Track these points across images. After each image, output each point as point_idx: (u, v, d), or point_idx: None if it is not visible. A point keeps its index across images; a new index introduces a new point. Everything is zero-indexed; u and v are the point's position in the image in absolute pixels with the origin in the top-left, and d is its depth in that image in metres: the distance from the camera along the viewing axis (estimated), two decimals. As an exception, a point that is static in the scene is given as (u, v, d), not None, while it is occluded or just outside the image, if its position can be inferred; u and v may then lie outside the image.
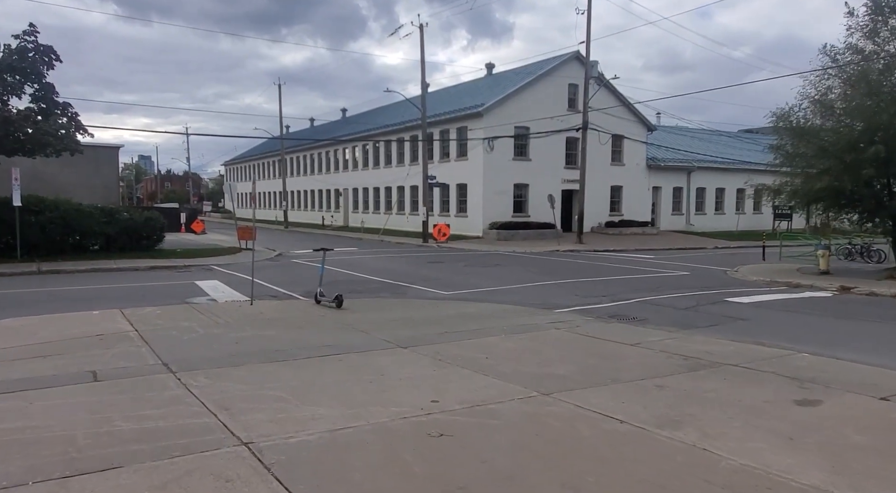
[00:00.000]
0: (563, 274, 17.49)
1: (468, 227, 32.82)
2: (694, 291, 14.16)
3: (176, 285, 14.74)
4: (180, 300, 12.37)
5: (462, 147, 33.98)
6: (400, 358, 7.30)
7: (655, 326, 9.76)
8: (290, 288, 14.23)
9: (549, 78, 33.90)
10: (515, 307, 11.39)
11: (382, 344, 8.07)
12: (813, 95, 16.13)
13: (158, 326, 9.11)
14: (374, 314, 10.43)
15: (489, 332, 8.90)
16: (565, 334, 8.84)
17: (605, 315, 10.80)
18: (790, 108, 15.99)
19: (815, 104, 15.98)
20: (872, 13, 15.73)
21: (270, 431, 4.68)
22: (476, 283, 15.30)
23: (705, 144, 43.31)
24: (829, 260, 16.70)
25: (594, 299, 12.90)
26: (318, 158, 51.56)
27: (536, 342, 8.25)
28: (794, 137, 16.03)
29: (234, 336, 8.44)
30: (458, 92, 40.16)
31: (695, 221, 41.19)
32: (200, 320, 9.67)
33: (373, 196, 42.84)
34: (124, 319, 9.64)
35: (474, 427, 4.82)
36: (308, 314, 10.36)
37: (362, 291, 13.88)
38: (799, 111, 15.97)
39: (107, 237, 20.52)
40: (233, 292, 13.72)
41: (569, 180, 34.49)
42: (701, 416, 5.08)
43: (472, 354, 7.51)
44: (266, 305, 11.37)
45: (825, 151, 15.28)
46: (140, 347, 7.75)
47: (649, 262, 21.78)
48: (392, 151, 40.31)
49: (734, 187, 43.25)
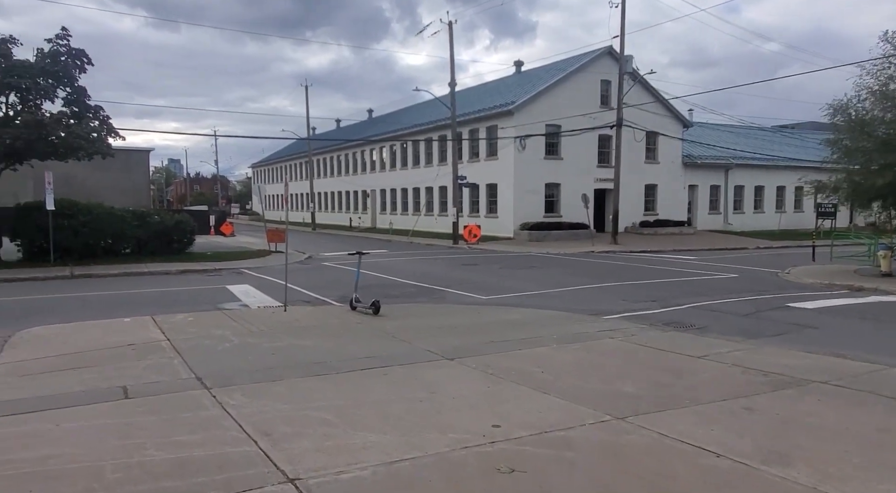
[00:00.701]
0: (604, 277, 16.75)
1: (499, 228, 32.16)
2: (749, 295, 13.32)
3: (207, 290, 14.42)
4: (212, 306, 12.01)
5: (492, 146, 33.33)
6: (448, 372, 6.74)
7: (718, 335, 9.03)
8: (322, 293, 13.80)
9: (581, 74, 33.05)
10: (561, 313, 10.75)
11: (427, 355, 7.52)
12: (873, 86, 15.14)
13: (191, 334, 8.70)
14: (413, 321, 9.89)
15: (538, 341, 8.29)
16: (622, 343, 8.17)
17: (659, 323, 10.09)
18: (848, 100, 15.03)
19: (876, 95, 14.99)
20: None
21: (318, 463, 4.15)
22: (514, 286, 14.67)
23: (743, 140, 41.95)
24: (891, 261, 15.65)
25: (642, 304, 12.17)
26: (345, 160, 51.40)
27: (593, 354, 7.61)
28: (852, 131, 15.06)
29: (269, 346, 7.97)
30: (487, 90, 39.50)
31: (733, 220, 39.86)
32: (234, 327, 9.25)
33: (401, 197, 42.44)
34: (156, 327, 9.26)
35: (548, 461, 4.22)
36: (345, 322, 9.87)
37: (398, 295, 13.37)
38: (858, 103, 15.00)
39: (138, 241, 20.41)
40: (265, 297, 13.33)
41: (602, 179, 33.59)
42: (809, 448, 4.40)
43: (525, 367, 6.91)
44: (300, 311, 10.92)
45: (888, 144, 14.30)
46: (172, 358, 7.32)
47: (692, 263, 20.87)
48: (420, 152, 39.85)
49: (774, 185, 41.85)
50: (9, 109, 18.55)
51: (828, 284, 14.76)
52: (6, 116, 18.40)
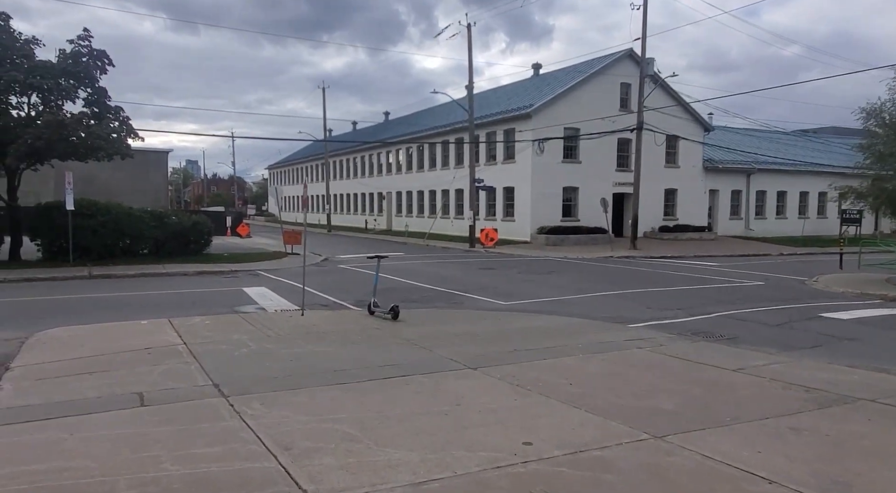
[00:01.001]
0: (625, 283, 16.40)
1: (515, 231, 31.84)
2: (778, 304, 12.92)
3: (224, 292, 14.31)
4: (229, 309, 11.88)
5: (509, 149, 33.04)
6: (473, 383, 6.49)
7: (751, 346, 8.68)
8: (339, 296, 13.61)
9: (600, 77, 32.66)
10: (585, 321, 10.46)
11: (450, 364, 7.28)
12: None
13: (207, 338, 8.54)
14: (433, 327, 9.66)
15: (564, 350, 8.02)
16: (652, 355, 7.87)
17: (687, 332, 9.76)
18: (882, 103, 14.55)
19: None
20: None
21: (342, 483, 3.92)
22: (534, 292, 14.38)
23: (765, 144, 41.23)
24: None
25: (668, 312, 11.83)
26: (361, 162, 51.39)
27: (622, 365, 7.32)
28: (887, 136, 14.57)
29: (287, 352, 7.78)
30: (505, 93, 39.23)
31: (754, 225, 39.17)
32: (251, 332, 9.08)
33: (416, 200, 42.28)
34: (173, 330, 9.12)
35: (586, 485, 3.96)
36: (363, 327, 9.66)
37: (417, 300, 13.15)
38: (893, 107, 14.51)
39: (156, 241, 20.41)
40: (281, 300, 13.18)
41: (620, 183, 33.16)
42: (870, 476, 4.09)
43: (552, 378, 6.65)
44: (318, 315, 10.73)
45: None
46: (189, 364, 7.15)
47: (715, 270, 20.42)
48: (437, 154, 39.67)
49: (797, 190, 41.09)
50: (31, 110, 18.64)
51: (859, 293, 14.29)
52: (28, 116, 18.48)
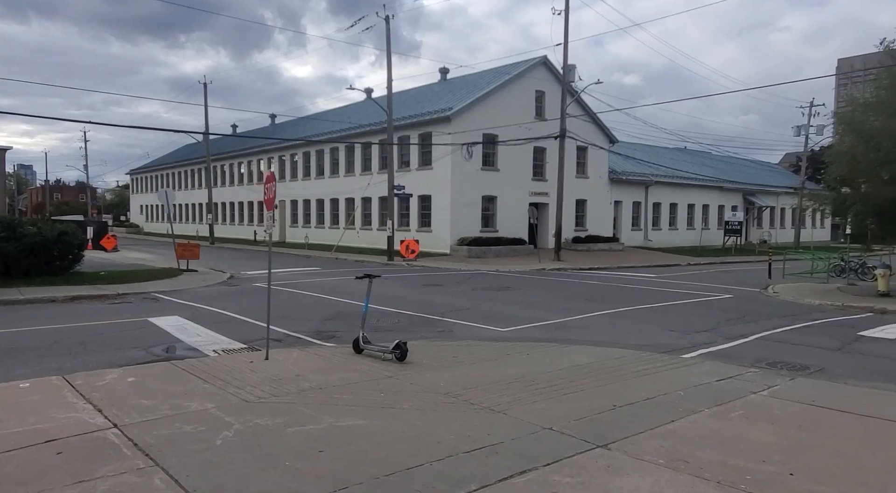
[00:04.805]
0: (601, 300, 14.85)
1: (433, 243, 29.68)
2: (790, 321, 11.91)
3: (122, 326, 10.65)
4: (146, 352, 8.51)
5: (425, 156, 30.90)
6: (635, 480, 4.18)
7: (864, 382, 7.19)
8: (288, 326, 10.59)
9: (516, 84, 31.63)
10: (630, 352, 8.54)
11: (559, 440, 4.92)
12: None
13: (148, 412, 5.42)
14: (460, 371, 7.19)
15: (674, 404, 5.99)
16: (794, 405, 6.03)
17: (762, 363, 8.17)
18: (853, 109, 14.34)
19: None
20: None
21: None
22: (520, 314, 12.27)
23: (655, 157, 42.87)
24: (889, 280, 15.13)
25: (697, 336, 10.28)
26: (248, 167, 46.59)
27: (789, 427, 5.39)
28: (861, 141, 14.30)
29: (301, 435, 4.96)
30: (412, 97, 37.04)
31: (652, 236, 40.33)
32: (210, 393, 6.04)
33: (315, 209, 38.68)
34: (80, 398, 5.83)
35: None
36: (369, 376, 6.94)
37: (388, 328, 10.50)
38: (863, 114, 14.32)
39: (5, 258, 15.63)
40: (212, 334, 9.91)
41: (537, 193, 32.32)
42: None
43: (716, 455, 4.59)
44: (289, 359, 7.77)
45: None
46: (146, 475, 4.13)
47: (662, 282, 19.67)
48: (339, 160, 36.54)
49: (685, 202, 43.06)
50: None
51: (841, 306, 13.80)
52: None
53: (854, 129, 14.15)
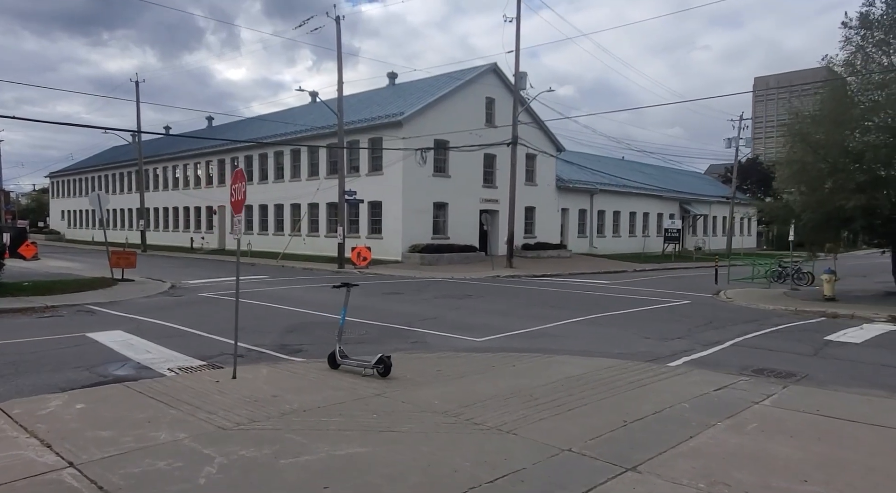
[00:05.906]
0: (565, 306, 14.71)
1: (385, 250, 28.98)
2: (755, 327, 12.06)
3: (58, 342, 9.55)
4: (90, 372, 7.59)
5: (376, 161, 30.21)
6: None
7: (845, 388, 7.21)
8: (247, 339, 9.76)
9: (466, 90, 31.49)
10: (619, 362, 8.30)
11: (581, 463, 4.54)
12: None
13: (108, 445, 4.66)
14: (450, 387, 6.72)
15: (682, 418, 5.75)
16: (801, 416, 5.89)
17: (747, 370, 8.11)
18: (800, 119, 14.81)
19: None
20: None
21: None
22: (489, 323, 11.89)
23: (605, 166, 43.79)
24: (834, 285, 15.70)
25: (674, 343, 10.21)
26: (184, 171, 44.36)
27: (805, 439, 5.21)
28: (810, 150, 14.72)
29: (298, 468, 4.35)
30: (360, 102, 36.24)
31: (597, 243, 41.07)
32: (179, 420, 5.31)
33: (258, 215, 37.15)
34: (21, 431, 4.99)
35: None
36: (352, 394, 6.35)
37: (362, 340, 9.89)
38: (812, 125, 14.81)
39: (-88, 267, 13.95)
40: (165, 349, 9.00)
41: (487, 200, 32.24)
42: None
43: (759, 478, 4.31)
44: (260, 377, 7.06)
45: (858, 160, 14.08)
46: (122, 527, 3.43)
47: (618, 288, 19.83)
48: (284, 164, 35.28)
49: (628, 210, 44.16)
50: None
51: (795, 311, 14.16)
52: None
53: (803, 139, 14.64)
